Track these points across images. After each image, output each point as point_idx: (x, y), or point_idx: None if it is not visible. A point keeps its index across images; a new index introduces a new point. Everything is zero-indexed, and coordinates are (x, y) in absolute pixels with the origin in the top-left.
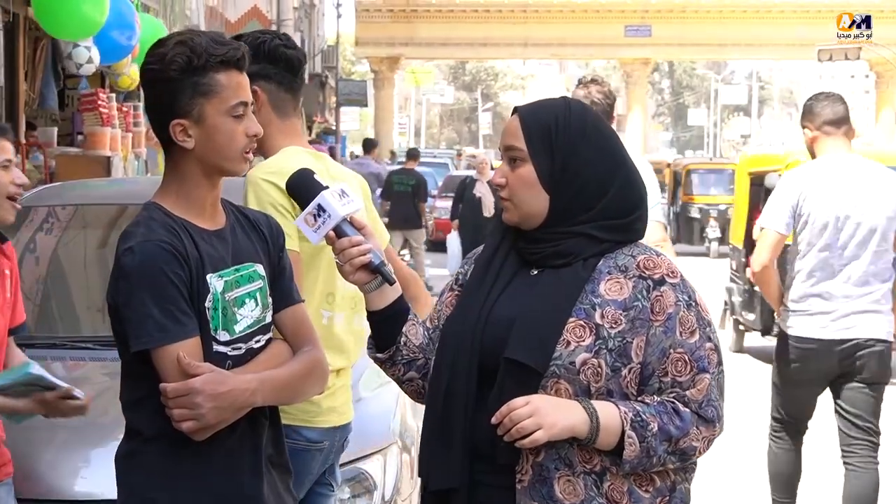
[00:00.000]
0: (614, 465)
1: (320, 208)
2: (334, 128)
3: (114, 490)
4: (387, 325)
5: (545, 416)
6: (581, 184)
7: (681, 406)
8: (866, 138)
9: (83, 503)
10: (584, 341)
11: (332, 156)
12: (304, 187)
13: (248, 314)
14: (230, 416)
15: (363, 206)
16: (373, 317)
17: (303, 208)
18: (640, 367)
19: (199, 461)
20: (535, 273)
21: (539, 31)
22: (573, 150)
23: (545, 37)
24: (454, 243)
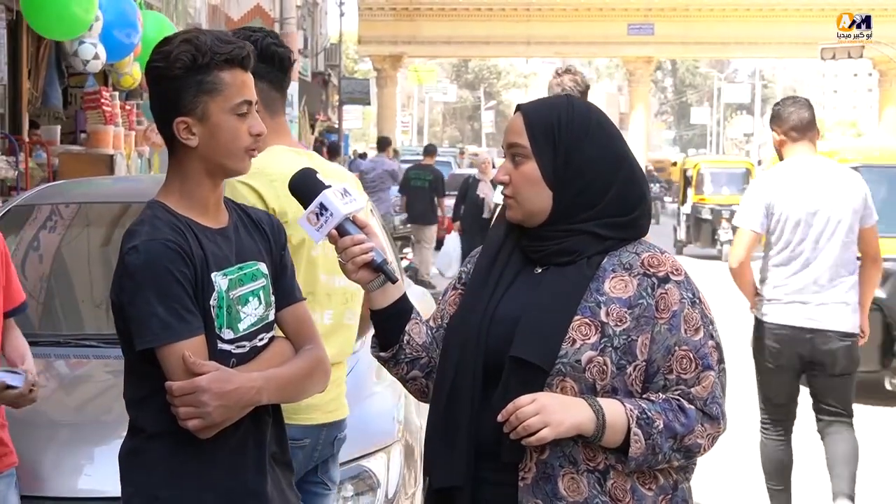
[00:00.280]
0: (619, 463)
1: (322, 207)
2: (337, 126)
3: (117, 487)
4: (390, 324)
5: (551, 413)
6: (584, 181)
7: (686, 403)
8: (869, 136)
9: (87, 500)
10: (589, 339)
11: (334, 153)
12: (306, 186)
13: (252, 312)
14: (235, 414)
15: (365, 204)
16: (376, 315)
17: (305, 207)
18: (645, 364)
19: (203, 458)
20: (540, 271)
21: (542, 29)
22: (576, 147)
23: (548, 35)
24: (451, 243)
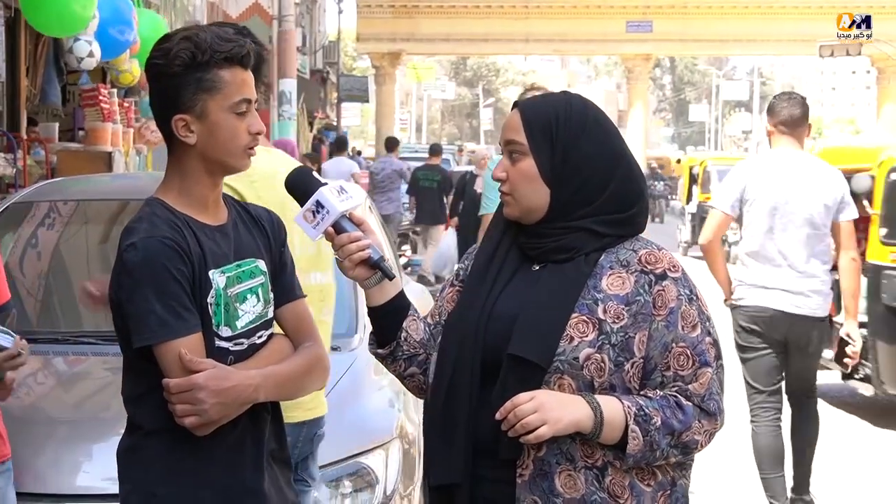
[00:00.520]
0: (617, 460)
1: (319, 205)
2: (336, 123)
3: (115, 485)
4: (387, 321)
5: (549, 411)
6: (582, 178)
7: (683, 400)
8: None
9: (85, 497)
10: (587, 336)
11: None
12: (302, 184)
13: (250, 310)
14: (233, 411)
15: (362, 201)
16: (373, 312)
17: (301, 205)
18: (642, 361)
19: (201, 456)
20: (537, 268)
21: (540, 26)
22: (574, 144)
23: (546, 32)
24: (447, 242)
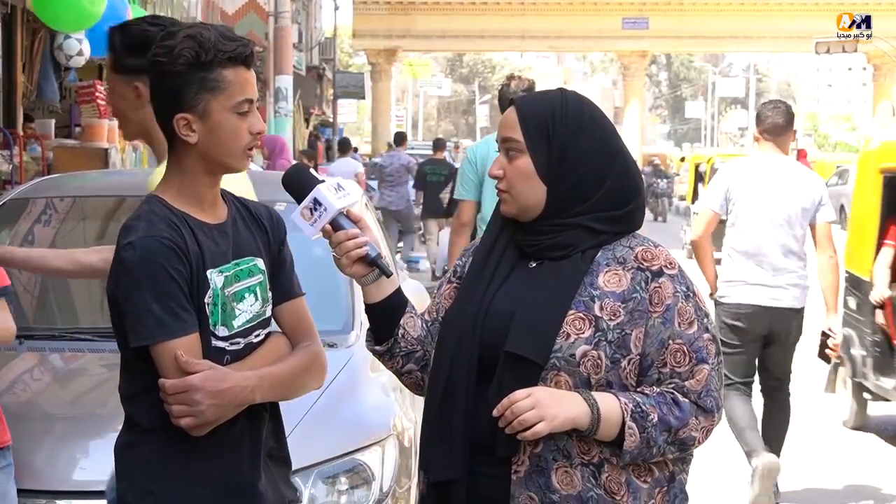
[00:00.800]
0: (614, 457)
1: (316, 202)
2: (332, 120)
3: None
4: (384, 318)
5: (546, 408)
6: (578, 175)
7: (680, 397)
8: (864, 132)
9: (82, 494)
10: (583, 333)
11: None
12: (299, 181)
13: (248, 309)
14: (229, 412)
15: (359, 198)
16: (370, 309)
17: (299, 203)
18: (639, 358)
19: (198, 454)
20: (534, 265)
21: (536, 23)
22: (570, 141)
23: (542, 29)
24: (445, 239)
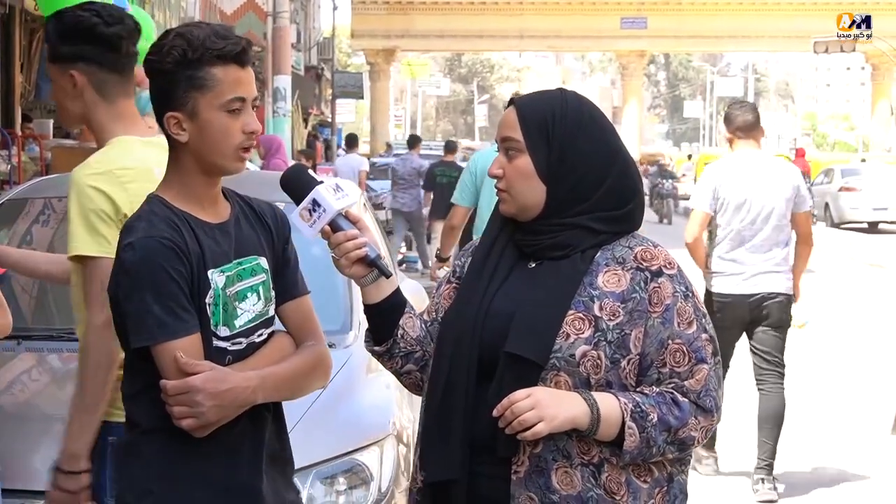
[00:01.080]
0: (614, 457)
1: (315, 203)
2: (330, 120)
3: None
4: (383, 318)
5: (546, 408)
6: (578, 175)
7: (679, 396)
8: (862, 130)
9: None
10: (583, 334)
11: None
12: (298, 182)
13: (250, 308)
14: (231, 413)
15: (358, 199)
16: (369, 310)
17: (297, 204)
18: (638, 358)
19: (198, 455)
20: (534, 266)
21: (535, 23)
22: (570, 141)
23: (541, 29)
24: None
